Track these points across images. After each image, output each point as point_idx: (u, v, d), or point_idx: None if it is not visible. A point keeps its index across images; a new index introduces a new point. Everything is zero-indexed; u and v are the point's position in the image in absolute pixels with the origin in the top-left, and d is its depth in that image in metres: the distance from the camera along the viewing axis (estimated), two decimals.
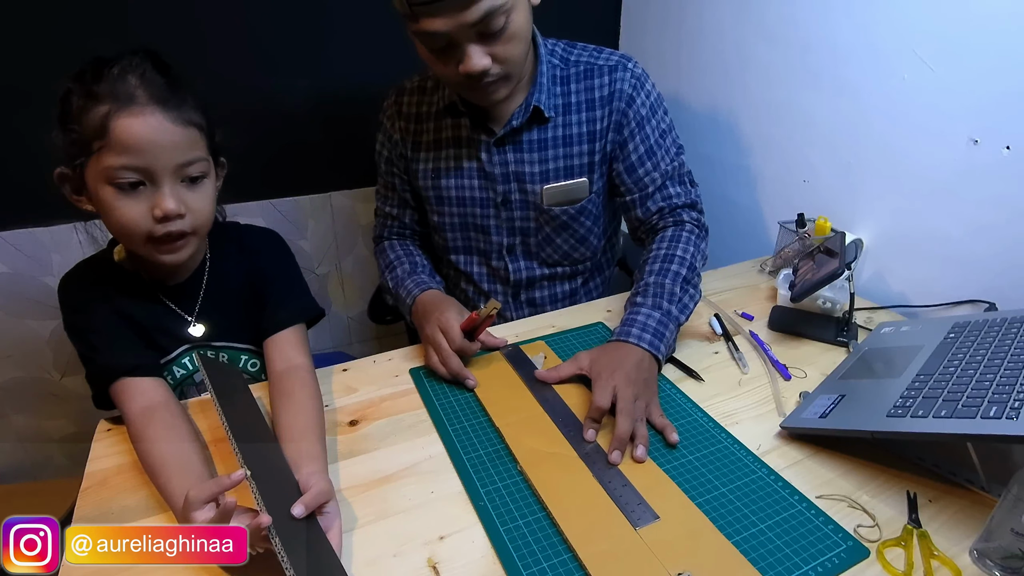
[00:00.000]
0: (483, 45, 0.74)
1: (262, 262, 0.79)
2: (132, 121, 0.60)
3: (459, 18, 0.70)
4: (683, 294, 0.81)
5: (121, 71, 0.61)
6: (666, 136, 0.91)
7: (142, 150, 0.60)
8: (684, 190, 0.92)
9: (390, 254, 1.01)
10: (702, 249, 0.89)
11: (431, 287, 0.90)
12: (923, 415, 0.58)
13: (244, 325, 0.77)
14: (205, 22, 1.16)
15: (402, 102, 0.95)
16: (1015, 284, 0.84)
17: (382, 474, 0.64)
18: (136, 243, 0.66)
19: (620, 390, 0.68)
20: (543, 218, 0.94)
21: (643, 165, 0.90)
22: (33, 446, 1.34)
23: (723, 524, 0.56)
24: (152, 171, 0.62)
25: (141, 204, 0.63)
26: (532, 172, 0.90)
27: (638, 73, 0.89)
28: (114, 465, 0.64)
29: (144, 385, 0.67)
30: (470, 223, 0.97)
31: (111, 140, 0.59)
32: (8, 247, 1.17)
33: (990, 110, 0.83)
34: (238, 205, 1.33)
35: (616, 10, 1.53)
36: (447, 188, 0.94)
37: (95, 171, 0.61)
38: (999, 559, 0.50)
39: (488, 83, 0.78)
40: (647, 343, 0.74)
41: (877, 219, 1.02)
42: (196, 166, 0.65)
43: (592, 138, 0.89)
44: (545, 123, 0.88)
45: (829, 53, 1.04)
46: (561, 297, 1.03)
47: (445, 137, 0.92)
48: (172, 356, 0.75)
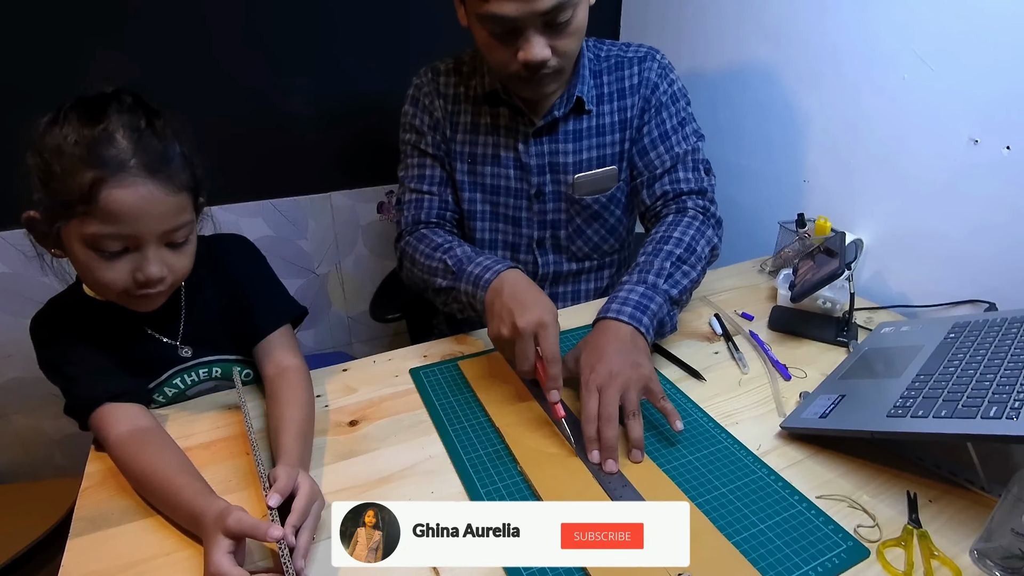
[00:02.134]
0: (546, 36, 0.76)
1: (236, 271, 0.77)
2: (123, 193, 0.56)
3: (531, 5, 0.71)
4: (674, 270, 0.78)
5: (108, 132, 0.57)
6: (685, 124, 0.92)
7: (130, 221, 0.57)
8: (695, 176, 0.90)
9: (436, 239, 0.88)
10: (707, 235, 0.85)
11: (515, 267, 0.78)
12: (923, 415, 0.58)
13: (230, 337, 0.76)
14: (207, 22, 1.16)
15: (439, 82, 0.93)
16: (1015, 284, 0.84)
17: (382, 474, 0.64)
18: (110, 296, 0.64)
19: (603, 390, 0.65)
20: (574, 209, 0.94)
21: (655, 148, 0.91)
22: (33, 446, 1.34)
23: (723, 524, 0.56)
24: (138, 238, 0.59)
25: (123, 267, 0.60)
26: (566, 163, 0.91)
27: (665, 64, 0.92)
28: (113, 466, 0.64)
29: (132, 410, 0.65)
30: (501, 213, 0.96)
31: (98, 209, 0.56)
32: (8, 247, 1.17)
33: (990, 110, 0.83)
34: (238, 205, 1.33)
35: (616, 10, 1.53)
36: (482, 176, 0.94)
37: (76, 232, 0.58)
38: (999, 559, 0.50)
39: (544, 75, 0.79)
40: (627, 316, 0.71)
41: (877, 219, 1.02)
42: (182, 231, 0.62)
43: (623, 126, 0.91)
44: (583, 114, 0.90)
45: (829, 53, 1.04)
46: (585, 295, 1.03)
47: (484, 123, 0.92)
48: (162, 379, 0.73)
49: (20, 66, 1.06)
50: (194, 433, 0.69)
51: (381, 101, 1.03)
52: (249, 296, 0.76)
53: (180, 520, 0.56)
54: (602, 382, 0.66)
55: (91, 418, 0.64)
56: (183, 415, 0.72)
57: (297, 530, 0.51)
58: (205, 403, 0.75)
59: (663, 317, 0.75)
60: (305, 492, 0.54)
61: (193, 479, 0.58)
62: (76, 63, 1.08)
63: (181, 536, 0.56)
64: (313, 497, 0.55)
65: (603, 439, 0.63)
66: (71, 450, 1.37)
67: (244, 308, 0.76)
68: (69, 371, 0.66)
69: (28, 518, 1.12)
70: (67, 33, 1.07)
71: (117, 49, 1.11)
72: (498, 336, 0.71)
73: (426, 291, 0.89)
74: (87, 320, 0.68)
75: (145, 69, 1.13)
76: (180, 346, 0.74)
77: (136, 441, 0.62)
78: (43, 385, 1.26)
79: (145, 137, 0.58)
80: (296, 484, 0.55)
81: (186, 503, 0.55)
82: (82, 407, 0.65)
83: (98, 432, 0.64)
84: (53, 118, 0.58)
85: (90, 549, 0.55)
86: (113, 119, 0.58)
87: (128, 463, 0.61)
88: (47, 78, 1.06)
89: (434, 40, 1.25)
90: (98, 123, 0.57)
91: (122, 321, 0.70)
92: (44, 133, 0.57)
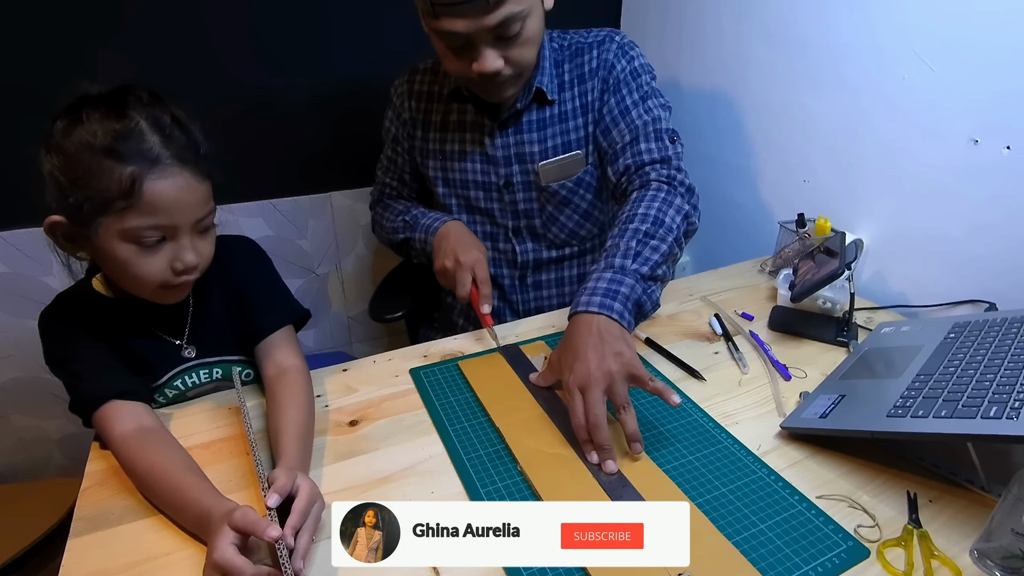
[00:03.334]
0: (498, 48, 0.78)
1: (239, 272, 0.78)
2: (163, 184, 0.59)
3: (479, 22, 0.74)
4: (641, 247, 0.74)
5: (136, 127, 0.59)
6: (647, 99, 0.89)
7: (170, 210, 0.60)
8: (658, 146, 0.86)
9: (397, 205, 1.07)
10: (675, 204, 0.80)
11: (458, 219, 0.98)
12: (923, 415, 0.58)
13: (233, 338, 0.77)
14: (207, 22, 1.16)
15: (414, 80, 0.98)
16: (1015, 284, 0.84)
17: (382, 474, 0.64)
18: (147, 291, 0.65)
19: (586, 392, 0.63)
20: (544, 196, 0.95)
21: (617, 125, 0.90)
22: (33, 446, 1.34)
23: (723, 524, 0.56)
24: (176, 228, 0.62)
25: (161, 258, 0.62)
26: (532, 152, 0.93)
27: (624, 43, 0.92)
28: (114, 465, 0.64)
29: (136, 408, 0.66)
30: (474, 206, 0.99)
31: (139, 202, 0.58)
32: (8, 247, 1.17)
33: (990, 110, 0.83)
34: (238, 205, 1.33)
35: (616, 10, 1.53)
36: (452, 171, 0.98)
37: (114, 229, 0.59)
38: (999, 559, 0.50)
39: (499, 83, 0.82)
40: (596, 306, 0.69)
41: (877, 219, 1.02)
42: (210, 217, 0.66)
43: (585, 110, 0.92)
44: (546, 104, 0.92)
45: (829, 53, 1.04)
46: (568, 282, 1.04)
47: (452, 120, 0.96)
48: (164, 379, 0.74)
49: (21, 66, 1.06)
50: (194, 433, 0.69)
51: (381, 101, 1.03)
52: (251, 296, 0.77)
53: (185, 520, 0.56)
54: (582, 383, 0.64)
55: (95, 415, 0.64)
56: (183, 415, 0.72)
57: (297, 531, 0.51)
58: (205, 403, 0.75)
59: (639, 297, 0.72)
60: (305, 494, 0.54)
61: (200, 479, 0.58)
62: (76, 63, 1.08)
63: (182, 536, 0.56)
64: (313, 499, 0.55)
65: (596, 443, 0.62)
66: (71, 450, 1.37)
67: (246, 308, 0.76)
68: (75, 367, 0.66)
69: (28, 518, 1.13)
70: (68, 33, 1.07)
71: (117, 49, 1.11)
72: (443, 268, 0.90)
73: (391, 245, 1.08)
74: (95, 317, 0.69)
75: (145, 68, 1.13)
76: (184, 346, 0.74)
77: (141, 439, 0.62)
78: (43, 385, 1.28)
79: (170, 130, 0.61)
80: (296, 486, 0.54)
81: (194, 502, 0.55)
82: (87, 404, 0.65)
83: (102, 430, 0.64)
84: (73, 118, 0.58)
85: (90, 549, 0.55)
86: (137, 114, 0.59)
87: (132, 461, 0.61)
88: (48, 78, 1.06)
89: None
90: (124, 118, 0.59)
91: (130, 319, 0.70)
92: (65, 133, 0.58)
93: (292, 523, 0.51)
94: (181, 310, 0.74)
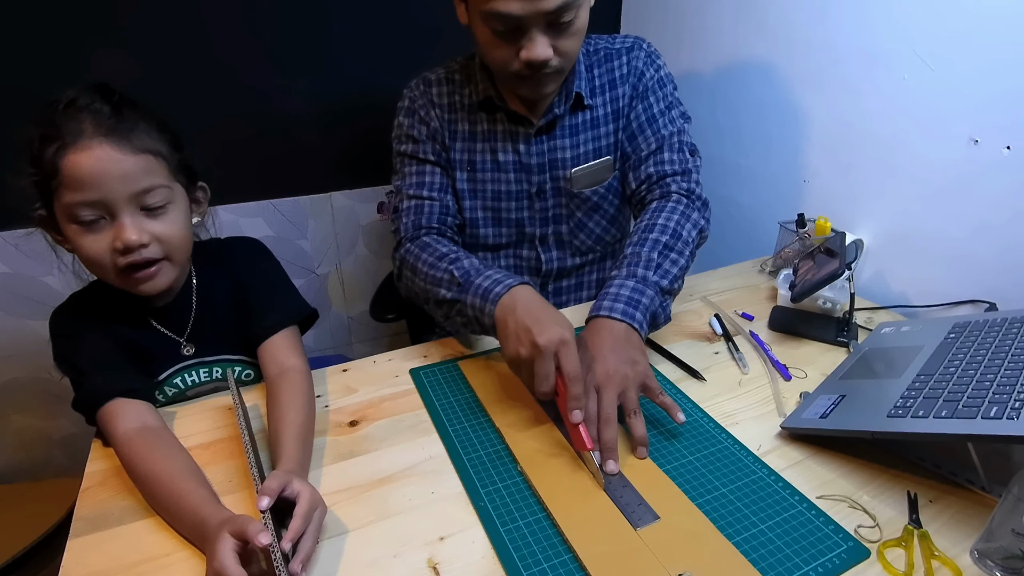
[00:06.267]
0: (549, 36, 0.76)
1: (242, 272, 0.78)
2: (80, 156, 0.59)
3: (536, 4, 0.72)
4: (662, 259, 0.77)
5: (67, 107, 0.61)
6: (672, 108, 0.92)
7: (93, 184, 0.60)
8: (679, 158, 0.90)
9: (441, 248, 0.83)
10: (692, 219, 0.84)
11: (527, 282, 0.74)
12: (924, 415, 0.58)
13: (235, 337, 0.77)
14: (208, 22, 1.16)
15: (432, 92, 0.92)
16: (1015, 284, 0.84)
17: (382, 475, 0.64)
18: (109, 277, 0.65)
19: (601, 391, 0.65)
20: (574, 203, 0.95)
21: (643, 132, 0.91)
22: (33, 446, 1.34)
23: (723, 524, 0.56)
24: (107, 203, 0.61)
25: (103, 238, 0.62)
26: (565, 158, 0.92)
27: (651, 51, 0.93)
28: (114, 465, 0.64)
29: (140, 407, 0.66)
30: (503, 218, 0.96)
31: (63, 178, 0.59)
32: (8, 247, 1.17)
33: (990, 110, 0.83)
34: (238, 205, 1.33)
35: (616, 10, 1.53)
36: (482, 182, 0.94)
37: (60, 211, 0.62)
38: (1000, 559, 0.50)
39: (544, 75, 0.80)
40: (619, 312, 0.71)
41: (877, 219, 1.02)
42: (155, 193, 0.64)
43: (616, 116, 0.92)
44: (581, 109, 0.91)
45: (829, 53, 1.04)
46: (587, 286, 1.04)
47: (480, 131, 0.92)
48: (163, 377, 0.74)
49: (20, 66, 1.06)
50: (194, 433, 0.69)
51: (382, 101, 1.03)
52: (255, 297, 0.77)
53: (181, 527, 0.56)
54: (599, 382, 0.66)
55: (99, 413, 0.65)
56: (184, 414, 0.73)
57: (300, 537, 0.51)
58: (205, 403, 0.75)
59: (655, 309, 0.75)
60: (306, 499, 0.54)
61: (199, 485, 0.58)
62: (76, 63, 1.08)
63: (181, 537, 0.56)
64: (314, 504, 0.54)
65: (602, 440, 0.63)
66: (71, 450, 1.37)
67: (250, 309, 0.76)
68: (81, 364, 0.67)
69: (28, 518, 1.13)
70: (69, 33, 1.07)
71: (117, 48, 1.11)
72: (516, 356, 0.66)
73: (427, 303, 0.83)
74: (101, 311, 0.70)
75: (146, 69, 1.13)
76: (184, 343, 0.74)
77: (143, 440, 0.62)
78: (43, 385, 1.28)
79: (98, 105, 0.62)
80: (296, 491, 0.54)
81: (191, 510, 0.55)
82: (90, 400, 0.65)
83: (105, 427, 0.65)
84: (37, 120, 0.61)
85: (90, 549, 0.55)
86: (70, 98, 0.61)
87: (134, 462, 0.61)
88: (47, 78, 1.06)
89: (434, 40, 1.25)
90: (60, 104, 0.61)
91: (130, 310, 0.71)
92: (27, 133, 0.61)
93: (294, 528, 0.51)
94: (183, 308, 0.74)
